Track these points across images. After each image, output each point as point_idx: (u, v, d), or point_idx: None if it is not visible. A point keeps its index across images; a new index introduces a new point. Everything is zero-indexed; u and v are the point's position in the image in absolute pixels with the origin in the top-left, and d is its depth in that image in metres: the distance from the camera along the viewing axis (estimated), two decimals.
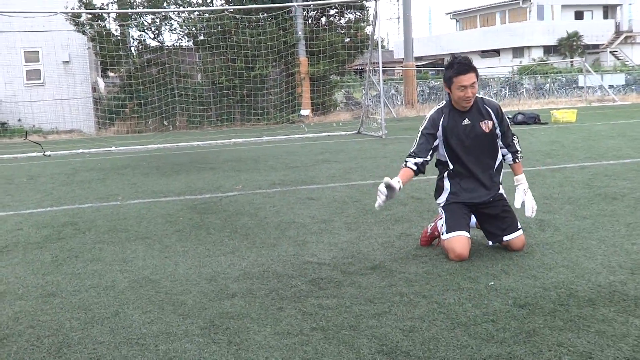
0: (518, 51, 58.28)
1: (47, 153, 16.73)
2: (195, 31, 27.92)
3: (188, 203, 8.34)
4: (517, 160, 5.42)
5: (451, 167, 5.34)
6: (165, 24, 27.96)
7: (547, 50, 57.40)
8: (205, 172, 11.45)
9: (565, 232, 5.78)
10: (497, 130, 5.30)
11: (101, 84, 28.48)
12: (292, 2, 26.46)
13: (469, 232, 5.20)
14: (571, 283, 4.36)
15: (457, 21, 69.88)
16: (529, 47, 57.42)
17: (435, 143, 5.28)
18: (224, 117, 26.28)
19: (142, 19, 27.41)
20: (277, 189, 9.14)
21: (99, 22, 26.42)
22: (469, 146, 5.25)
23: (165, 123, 25.53)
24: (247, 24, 25.31)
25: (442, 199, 5.42)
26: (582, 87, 36.54)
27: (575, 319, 3.74)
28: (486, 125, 5.24)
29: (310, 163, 12.09)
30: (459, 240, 5.05)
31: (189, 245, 6.00)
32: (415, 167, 5.21)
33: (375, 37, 19.48)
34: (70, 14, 24.56)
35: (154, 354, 3.53)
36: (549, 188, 8.05)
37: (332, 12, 29.88)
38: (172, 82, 25.72)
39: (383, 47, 25.39)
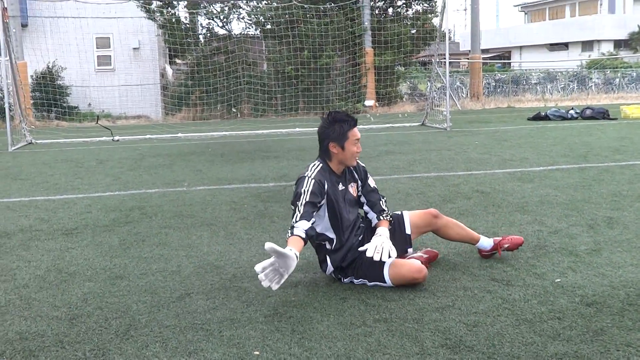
0: (587, 45, 56.95)
1: (116, 138, 17.03)
2: (263, 20, 28.04)
3: (252, 191, 8.41)
4: (382, 217, 4.74)
5: (334, 240, 4.58)
6: (234, 12, 28.16)
7: (618, 44, 55.99)
8: (270, 161, 11.52)
9: (635, 230, 5.66)
10: (360, 194, 4.81)
11: (169, 70, 28.87)
12: None
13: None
14: None
15: (526, 13, 68.59)
16: (598, 41, 56.04)
17: (319, 212, 4.50)
18: (289, 106, 26.37)
19: (211, 7, 27.66)
20: None
21: (169, 9, 26.74)
22: (346, 215, 4.63)
23: (234, 110, 25.74)
24: (314, 14, 25.29)
25: (329, 269, 4.61)
26: None
27: None
28: (354, 189, 4.75)
29: (374, 154, 12.06)
30: (401, 265, 4.43)
31: (253, 233, 6.06)
32: (304, 235, 4.25)
33: (442, 29, 19.30)
34: (142, 1, 24.92)
35: (219, 340, 3.58)
36: (618, 185, 7.88)
37: (399, 2, 29.69)
38: (238, 70, 25.89)
39: (449, 38, 25.12)
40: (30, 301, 4.31)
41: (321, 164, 4.58)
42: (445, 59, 18.64)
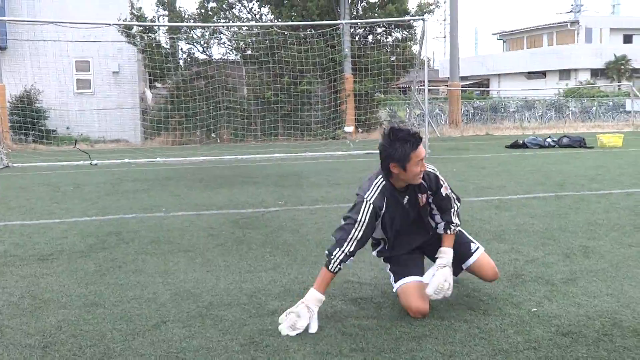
0: (565, 73, 57.55)
1: (94, 162, 16.96)
2: (243, 46, 28.17)
3: (230, 217, 8.38)
4: (448, 232, 4.59)
5: (388, 243, 4.66)
6: (215, 37, 28.28)
7: (595, 73, 56.65)
8: (248, 187, 11.50)
9: (610, 260, 5.69)
10: (431, 202, 4.60)
11: (149, 95, 28.86)
12: (339, 19, 26.55)
13: (422, 273, 4.56)
14: (616, 312, 4.29)
15: (504, 42, 69.33)
16: (575, 70, 56.68)
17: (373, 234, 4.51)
18: (269, 132, 26.42)
19: (192, 32, 27.74)
20: (319, 206, 9.14)
21: (150, 34, 26.78)
22: (408, 225, 4.55)
23: (213, 135, 25.74)
24: (294, 40, 25.42)
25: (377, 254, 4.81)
26: (630, 112, 35.96)
27: (619, 349, 3.68)
28: (421, 199, 4.52)
29: (353, 180, 12.07)
30: (411, 291, 4.40)
31: (230, 260, 6.04)
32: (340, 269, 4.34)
33: (421, 56, 19.48)
34: (122, 25, 24.91)
35: None
36: (594, 214, 7.94)
37: (379, 30, 29.94)
38: (218, 95, 25.91)
39: (429, 66, 25.32)
40: (3, 329, 4.26)
41: (384, 182, 4.43)
42: (424, 86, 18.82)
